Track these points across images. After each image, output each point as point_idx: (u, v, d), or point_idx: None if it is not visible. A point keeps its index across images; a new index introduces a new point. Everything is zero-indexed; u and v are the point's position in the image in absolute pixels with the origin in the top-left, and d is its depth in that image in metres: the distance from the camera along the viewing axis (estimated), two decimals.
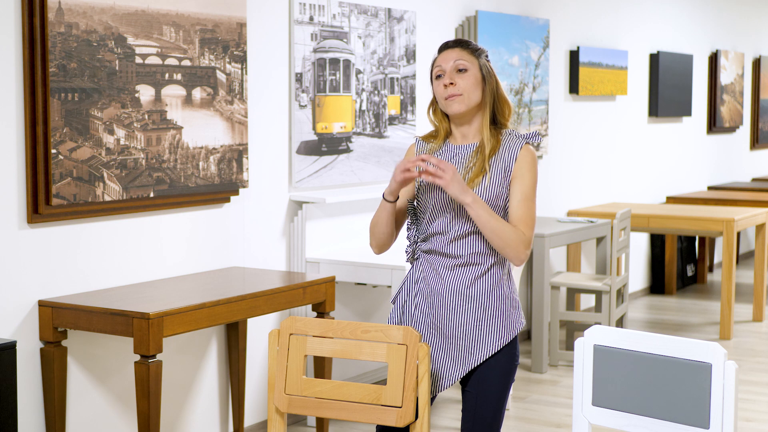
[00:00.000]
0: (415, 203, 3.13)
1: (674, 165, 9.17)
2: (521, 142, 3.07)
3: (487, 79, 3.07)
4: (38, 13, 3.76)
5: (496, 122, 3.10)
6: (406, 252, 3.17)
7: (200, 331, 4.55)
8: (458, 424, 5.09)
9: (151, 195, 4.20)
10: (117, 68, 4.04)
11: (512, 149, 3.05)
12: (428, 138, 3.17)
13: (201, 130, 4.41)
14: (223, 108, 4.51)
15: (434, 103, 3.14)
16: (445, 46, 3.10)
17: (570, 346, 6.49)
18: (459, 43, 3.09)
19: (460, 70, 3.04)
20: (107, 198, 4.02)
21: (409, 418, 2.93)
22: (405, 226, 3.19)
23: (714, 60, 9.73)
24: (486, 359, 3.06)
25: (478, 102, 3.05)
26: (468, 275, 3.06)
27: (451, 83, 3.03)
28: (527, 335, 6.90)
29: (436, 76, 3.08)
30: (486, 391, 3.06)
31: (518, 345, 3.12)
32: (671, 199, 8.81)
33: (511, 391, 5.45)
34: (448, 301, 3.07)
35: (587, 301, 7.68)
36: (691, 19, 9.28)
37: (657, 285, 8.75)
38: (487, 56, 3.11)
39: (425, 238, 3.10)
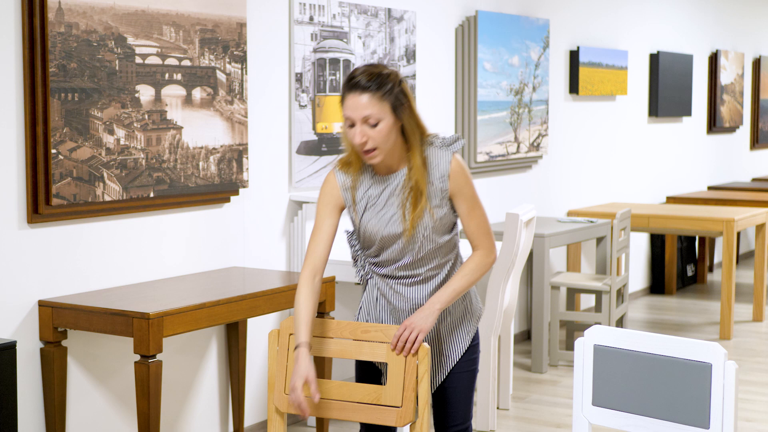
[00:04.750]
0: (355, 231, 3.11)
1: (674, 165, 9.17)
2: (447, 156, 2.99)
3: (402, 116, 2.93)
4: (38, 13, 3.76)
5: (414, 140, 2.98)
6: (357, 270, 3.15)
7: (200, 331, 4.55)
8: None
9: (151, 195, 4.20)
10: (117, 68, 4.04)
11: (441, 167, 2.99)
12: (347, 166, 3.04)
13: (201, 130, 4.41)
14: (223, 108, 4.51)
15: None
16: (353, 87, 2.89)
17: (570, 346, 6.49)
18: (367, 87, 2.87)
19: (372, 124, 2.89)
20: (107, 198, 4.02)
21: (409, 418, 2.93)
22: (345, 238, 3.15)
23: (714, 60, 9.73)
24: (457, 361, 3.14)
25: (395, 141, 2.96)
26: (427, 288, 3.09)
27: (365, 140, 2.89)
28: (527, 335, 6.90)
29: (348, 125, 2.92)
30: (456, 387, 3.15)
31: (479, 334, 3.21)
32: (671, 199, 8.81)
33: (511, 390, 5.46)
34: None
35: (587, 301, 7.69)
36: (691, 19, 9.29)
37: (657, 285, 8.75)
38: (399, 83, 2.93)
39: (377, 263, 3.09)
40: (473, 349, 3.16)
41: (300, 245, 4.96)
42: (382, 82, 2.89)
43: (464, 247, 4.13)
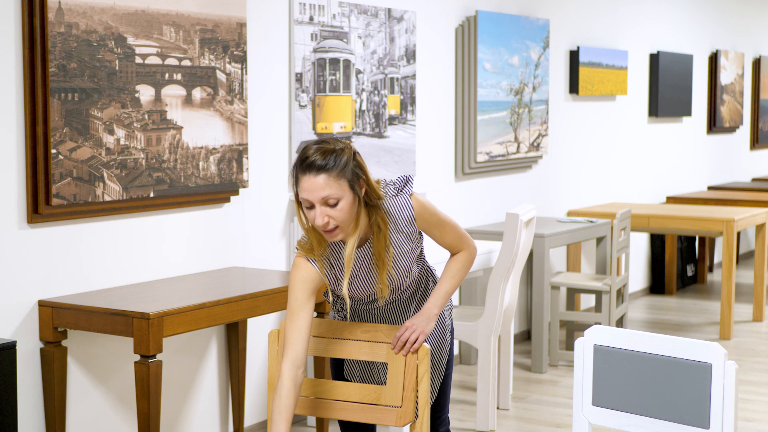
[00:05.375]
0: (334, 295, 3.10)
1: (674, 165, 9.17)
2: (406, 201, 2.94)
3: (358, 190, 2.82)
4: (38, 13, 3.76)
5: (372, 205, 2.90)
6: (334, 311, 3.14)
7: (200, 331, 4.55)
8: (457, 424, 5.09)
9: (151, 195, 4.20)
10: (117, 68, 4.04)
11: (405, 214, 2.95)
12: (311, 251, 2.91)
13: (201, 130, 4.41)
14: (223, 108, 4.51)
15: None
16: (308, 168, 2.76)
17: (570, 346, 6.49)
18: (322, 167, 2.75)
19: (331, 204, 2.78)
20: (107, 198, 4.02)
21: (409, 418, 2.94)
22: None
23: (714, 60, 9.73)
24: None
25: (355, 214, 2.85)
26: (408, 306, 3.13)
27: (326, 221, 2.78)
28: (527, 335, 6.90)
29: (305, 207, 2.81)
30: (444, 386, 3.20)
31: (453, 326, 3.29)
32: (671, 199, 8.81)
33: (511, 390, 5.45)
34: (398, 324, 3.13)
35: (587, 301, 7.69)
36: (691, 19, 9.29)
37: (657, 285, 8.75)
38: (354, 157, 2.82)
39: (358, 305, 3.11)
40: (451, 342, 3.22)
41: None
42: (337, 159, 2.76)
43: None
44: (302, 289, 2.89)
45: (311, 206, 2.78)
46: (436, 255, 4.83)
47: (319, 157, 2.76)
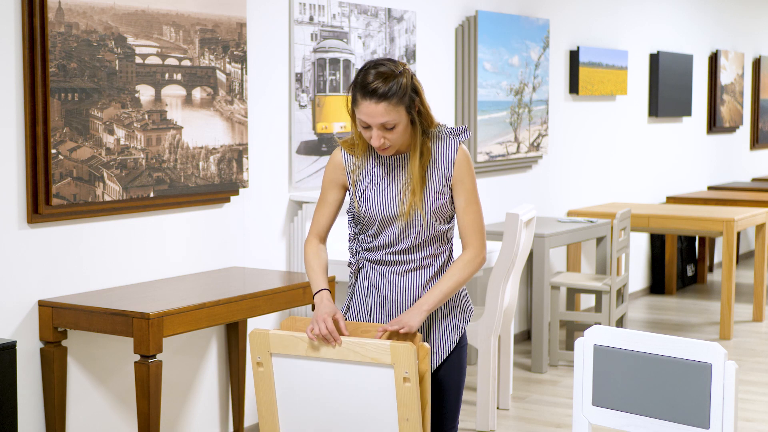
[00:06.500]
0: (355, 213, 3.11)
1: (674, 165, 9.17)
2: (455, 144, 3.03)
3: (414, 112, 2.95)
4: (38, 13, 3.76)
5: (423, 130, 3.03)
6: (350, 265, 3.16)
7: (200, 331, 4.55)
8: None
9: (151, 195, 4.21)
10: (117, 68, 4.04)
11: (448, 154, 3.03)
12: (352, 148, 3.08)
13: (201, 130, 4.41)
14: (223, 108, 4.51)
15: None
16: (369, 94, 2.89)
17: (570, 346, 6.49)
18: (383, 95, 2.88)
19: (388, 128, 2.93)
20: (107, 198, 4.02)
21: None
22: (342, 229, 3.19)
23: (714, 60, 9.73)
24: (446, 356, 3.13)
25: (410, 132, 3.00)
26: (420, 279, 3.09)
27: (383, 142, 2.94)
28: (527, 335, 6.90)
29: (362, 126, 2.96)
30: (449, 386, 3.14)
31: (466, 335, 3.21)
32: (671, 199, 8.81)
33: (511, 390, 5.46)
34: (404, 307, 3.08)
35: (587, 301, 7.69)
36: (691, 19, 9.29)
37: (657, 285, 8.75)
38: (411, 79, 2.94)
39: (371, 249, 3.09)
40: (461, 350, 3.15)
41: (300, 245, 4.97)
42: (397, 86, 2.89)
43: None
44: (330, 179, 3.10)
45: (368, 126, 2.93)
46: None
47: (381, 84, 2.89)
